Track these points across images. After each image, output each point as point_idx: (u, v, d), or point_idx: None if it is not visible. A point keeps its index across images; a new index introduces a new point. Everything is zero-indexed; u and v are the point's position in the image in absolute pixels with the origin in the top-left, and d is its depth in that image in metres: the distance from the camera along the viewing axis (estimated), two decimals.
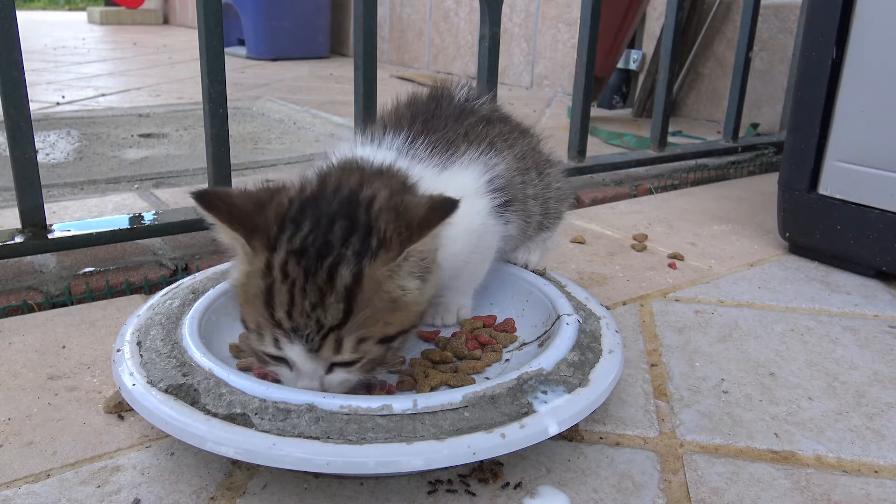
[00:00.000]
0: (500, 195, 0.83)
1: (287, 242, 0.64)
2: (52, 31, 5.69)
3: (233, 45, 4.43)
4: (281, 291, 0.63)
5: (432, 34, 3.90)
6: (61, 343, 0.90)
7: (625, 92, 2.83)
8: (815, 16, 1.21)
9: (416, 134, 0.83)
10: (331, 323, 0.63)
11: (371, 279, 0.63)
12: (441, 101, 0.91)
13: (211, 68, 1.12)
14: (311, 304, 0.62)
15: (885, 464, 0.72)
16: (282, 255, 0.63)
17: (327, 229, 0.65)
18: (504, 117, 0.97)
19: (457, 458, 0.61)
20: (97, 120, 2.40)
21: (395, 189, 0.71)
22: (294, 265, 0.63)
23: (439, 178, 0.79)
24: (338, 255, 0.63)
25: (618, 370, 0.74)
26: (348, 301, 0.62)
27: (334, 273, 0.62)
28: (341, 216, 0.66)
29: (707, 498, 0.66)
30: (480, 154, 0.84)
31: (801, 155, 1.25)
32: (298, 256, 0.63)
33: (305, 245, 0.64)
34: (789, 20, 2.36)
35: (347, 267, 0.63)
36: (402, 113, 0.89)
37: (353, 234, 0.64)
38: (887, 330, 1.02)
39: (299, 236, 0.64)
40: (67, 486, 0.65)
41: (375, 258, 0.63)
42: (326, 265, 0.63)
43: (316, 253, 0.63)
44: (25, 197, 1.03)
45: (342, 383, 0.68)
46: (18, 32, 0.96)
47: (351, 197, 0.68)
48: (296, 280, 0.62)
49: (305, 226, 0.65)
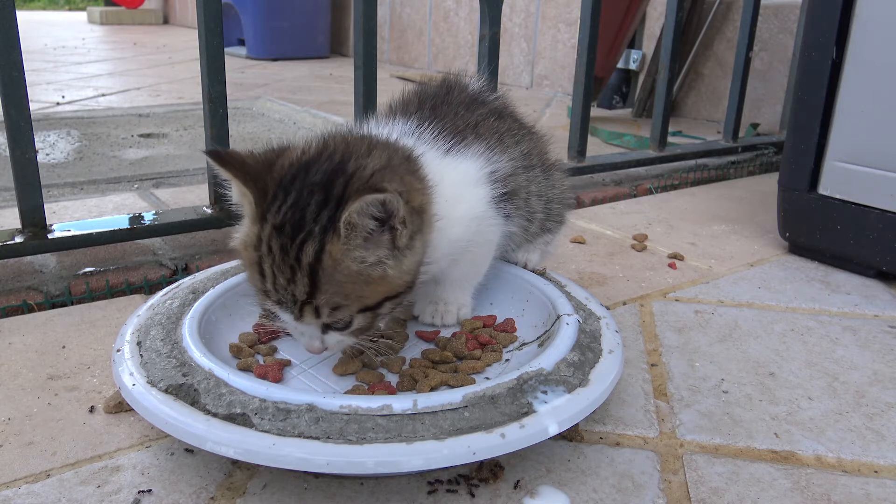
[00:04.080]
0: (500, 186, 0.84)
1: (272, 215, 0.67)
2: (52, 31, 5.69)
3: (233, 45, 4.43)
4: (266, 265, 0.67)
5: (432, 34, 3.90)
6: (61, 343, 0.90)
7: (625, 92, 2.83)
8: (815, 16, 1.21)
9: (423, 118, 0.84)
10: (301, 297, 0.67)
11: (329, 255, 0.66)
12: (453, 88, 0.93)
13: (211, 68, 1.12)
14: (286, 279, 0.67)
15: (885, 464, 0.72)
16: (268, 229, 0.67)
17: (305, 203, 0.67)
18: (514, 114, 0.98)
19: (457, 458, 0.61)
20: (97, 120, 2.40)
21: (394, 160, 0.72)
22: (275, 241, 0.67)
23: (443, 161, 0.79)
24: (307, 233, 0.66)
25: (618, 370, 0.74)
26: (311, 277, 0.66)
27: (301, 251, 0.66)
28: (319, 188, 0.67)
29: (707, 498, 0.66)
30: (487, 145, 0.84)
31: (801, 155, 1.25)
32: (279, 232, 0.66)
33: (284, 220, 0.67)
34: (789, 20, 2.36)
35: (312, 244, 0.66)
36: (409, 99, 0.91)
37: (325, 207, 0.66)
38: (887, 330, 1.02)
39: (283, 209, 0.67)
40: (67, 486, 0.65)
41: (335, 234, 0.66)
42: (297, 242, 0.66)
43: (291, 229, 0.66)
44: (25, 197, 1.03)
45: (339, 343, 0.73)
46: (18, 32, 0.96)
47: (337, 168, 0.69)
48: (275, 256, 0.67)
49: (290, 198, 0.67)
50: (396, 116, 0.86)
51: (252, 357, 0.81)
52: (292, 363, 0.81)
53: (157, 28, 6.30)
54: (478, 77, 0.98)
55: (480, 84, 0.96)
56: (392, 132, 0.82)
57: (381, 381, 0.77)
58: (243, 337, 0.85)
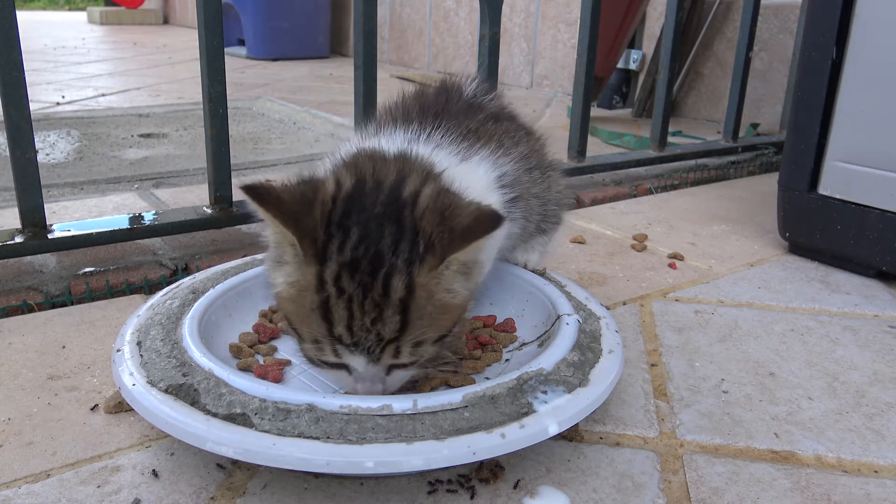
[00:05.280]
0: (508, 191, 0.83)
1: (338, 253, 0.62)
2: (52, 31, 5.69)
3: (233, 45, 4.43)
4: (339, 307, 0.62)
5: (432, 34, 3.90)
6: (61, 343, 0.90)
7: (625, 92, 2.83)
8: (815, 16, 1.21)
9: (428, 125, 0.82)
10: (389, 336, 0.63)
11: (422, 288, 0.63)
12: (451, 95, 0.91)
13: (211, 68, 1.12)
14: (371, 319, 0.62)
15: (885, 464, 0.72)
16: (334, 267, 0.62)
17: (377, 236, 0.63)
18: (511, 116, 0.97)
19: (457, 458, 0.61)
20: (97, 120, 2.40)
21: (436, 185, 0.69)
22: (348, 280, 0.62)
23: (458, 169, 0.77)
24: (390, 266, 0.62)
25: (618, 370, 0.74)
26: (404, 313, 0.62)
27: (388, 285, 0.62)
28: (388, 219, 0.64)
29: (707, 498, 0.66)
30: (490, 151, 0.83)
31: (801, 155, 1.25)
32: (352, 270, 0.62)
33: (357, 256, 0.62)
34: (789, 20, 2.36)
35: (400, 278, 0.62)
36: (410, 105, 0.88)
37: (402, 239, 0.63)
38: (887, 330, 1.02)
39: (349, 246, 0.62)
40: (67, 486, 0.65)
41: (423, 265, 0.62)
42: (380, 277, 0.62)
43: (370, 266, 0.62)
44: (25, 197, 1.03)
45: (400, 381, 0.69)
46: (18, 32, 0.96)
47: (393, 195, 0.66)
48: (353, 296, 0.62)
49: (353, 233, 0.63)
50: (400, 124, 0.83)
51: (252, 357, 0.81)
52: (292, 363, 0.81)
53: (157, 28, 6.30)
54: (474, 78, 0.96)
55: (475, 87, 0.94)
56: (404, 144, 0.79)
57: None
58: (243, 337, 0.85)
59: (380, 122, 0.87)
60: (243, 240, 1.27)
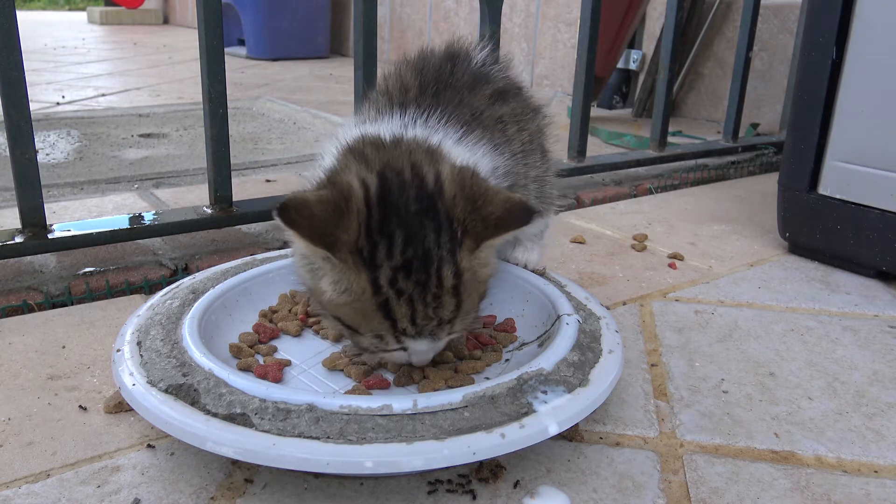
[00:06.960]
0: (502, 180, 0.83)
1: (387, 259, 0.65)
2: (52, 31, 5.69)
3: (233, 45, 4.43)
4: (401, 307, 0.66)
5: (432, 34, 3.90)
6: (61, 343, 0.90)
7: (625, 92, 2.83)
8: (815, 16, 1.21)
9: (426, 106, 0.81)
10: (448, 317, 0.68)
11: (467, 270, 0.68)
12: (457, 63, 0.89)
13: (211, 68, 1.12)
14: (433, 309, 0.67)
15: (885, 464, 0.72)
16: (387, 272, 0.65)
17: (421, 236, 0.66)
18: (518, 90, 0.95)
19: (457, 458, 0.61)
20: (97, 120, 2.40)
21: (450, 165, 0.71)
22: (405, 281, 0.65)
23: (454, 150, 0.77)
24: (439, 260, 0.66)
25: (618, 370, 0.74)
26: (457, 295, 0.68)
27: (441, 277, 0.66)
28: (425, 215, 0.67)
29: (707, 498, 0.66)
30: (490, 139, 0.83)
31: (801, 155, 1.25)
32: (406, 272, 0.65)
33: (409, 259, 0.65)
34: (789, 20, 2.36)
35: (449, 268, 0.66)
36: (408, 82, 0.86)
37: (441, 230, 0.67)
38: (887, 330, 1.02)
39: (397, 250, 0.65)
40: (67, 486, 0.65)
41: (462, 248, 0.67)
42: (433, 273, 0.66)
43: (421, 264, 0.66)
44: (25, 197, 1.03)
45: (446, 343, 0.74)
46: (18, 32, 0.96)
47: (421, 188, 0.68)
48: (412, 295, 0.66)
49: (398, 236, 0.66)
50: (399, 107, 0.82)
51: (252, 357, 0.81)
52: (292, 363, 0.81)
53: (157, 28, 6.30)
54: (485, 44, 0.94)
55: (485, 55, 0.92)
56: (405, 127, 0.78)
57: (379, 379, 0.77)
58: (243, 337, 0.85)
59: (378, 98, 0.85)
60: (243, 240, 1.27)
